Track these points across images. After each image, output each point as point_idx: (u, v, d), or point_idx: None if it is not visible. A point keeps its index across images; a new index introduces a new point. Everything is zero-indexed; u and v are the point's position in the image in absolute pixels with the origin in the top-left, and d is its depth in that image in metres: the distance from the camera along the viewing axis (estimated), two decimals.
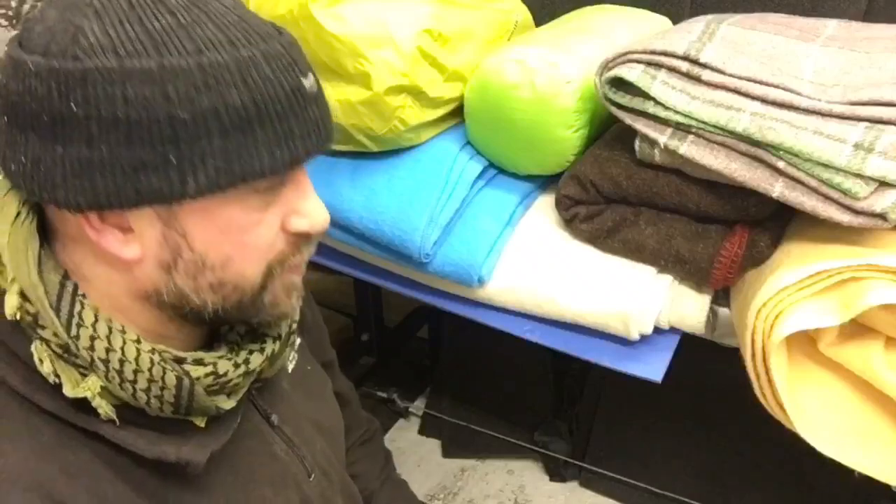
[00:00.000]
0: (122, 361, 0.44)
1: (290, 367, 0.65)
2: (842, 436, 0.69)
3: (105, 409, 0.44)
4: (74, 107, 0.39)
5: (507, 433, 1.60)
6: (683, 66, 0.72)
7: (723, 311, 0.83)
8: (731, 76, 0.70)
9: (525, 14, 1.04)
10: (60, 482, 0.43)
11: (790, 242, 0.75)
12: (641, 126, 0.76)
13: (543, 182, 0.97)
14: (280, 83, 0.43)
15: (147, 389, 0.44)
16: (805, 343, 0.72)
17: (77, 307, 0.44)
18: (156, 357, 0.45)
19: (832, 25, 0.81)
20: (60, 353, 0.43)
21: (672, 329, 0.85)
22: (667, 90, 0.73)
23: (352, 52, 0.80)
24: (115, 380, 0.43)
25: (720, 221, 0.79)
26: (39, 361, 0.43)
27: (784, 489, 1.36)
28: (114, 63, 0.39)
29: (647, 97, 0.74)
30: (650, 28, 1.00)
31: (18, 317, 0.43)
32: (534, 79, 0.82)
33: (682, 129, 0.73)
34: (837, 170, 0.64)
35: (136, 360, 0.44)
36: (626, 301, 0.81)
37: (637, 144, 0.79)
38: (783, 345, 0.67)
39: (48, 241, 0.46)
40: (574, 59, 0.83)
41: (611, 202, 0.84)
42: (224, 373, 0.49)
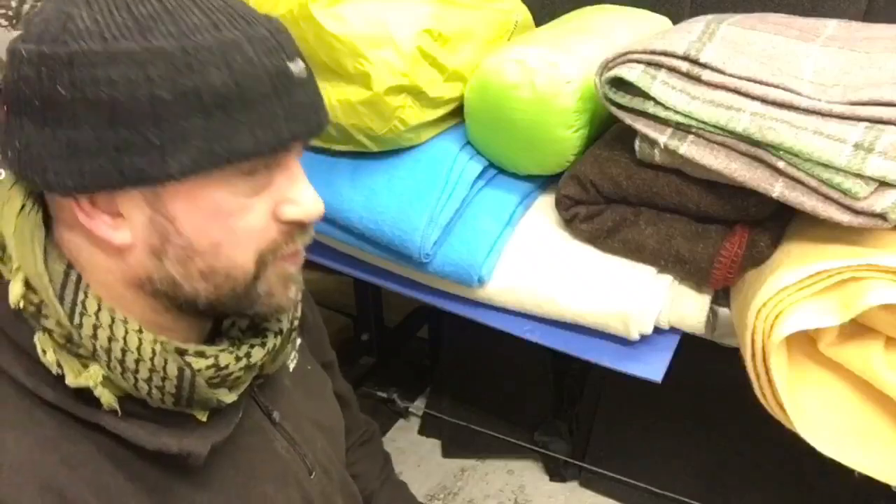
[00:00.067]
0: (125, 351, 0.44)
1: (292, 366, 0.65)
2: (842, 436, 0.69)
3: (107, 399, 0.44)
4: (62, 90, 0.40)
5: (507, 433, 1.60)
6: (683, 66, 0.72)
7: (723, 311, 0.83)
8: (731, 76, 0.70)
9: (525, 14, 1.04)
10: (61, 473, 0.43)
11: (790, 242, 0.75)
12: (641, 126, 0.76)
13: (543, 182, 0.97)
14: (263, 65, 0.43)
15: (149, 379, 0.45)
16: (805, 343, 0.72)
17: (80, 296, 0.44)
18: (157, 347, 0.45)
19: (832, 25, 0.81)
20: (63, 343, 0.44)
21: (672, 329, 0.85)
22: (667, 90, 0.73)
23: (352, 52, 0.80)
24: (117, 369, 0.44)
25: (720, 221, 0.79)
26: (42, 352, 0.43)
27: (784, 489, 1.36)
28: (99, 46, 0.40)
29: (647, 97, 0.74)
30: (650, 28, 1.00)
31: (22, 306, 0.43)
32: (534, 79, 0.82)
33: (682, 129, 0.73)
34: (837, 170, 0.64)
35: (138, 350, 0.44)
36: (626, 301, 0.81)
37: (637, 144, 0.79)
38: (783, 345, 0.67)
39: (51, 232, 0.46)
40: (574, 59, 0.83)
41: (611, 202, 0.84)
42: (225, 365, 0.49)
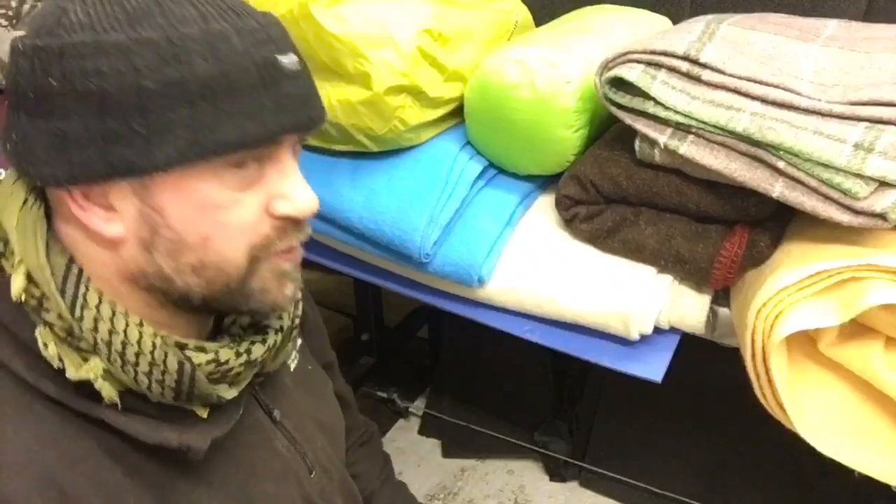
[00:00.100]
0: (125, 344, 0.44)
1: (293, 366, 0.65)
2: (842, 436, 0.69)
3: (108, 392, 0.44)
4: (53, 82, 0.40)
5: (507, 433, 1.61)
6: (683, 66, 0.72)
7: (723, 311, 0.83)
8: (732, 76, 0.70)
9: (525, 14, 1.04)
10: (61, 469, 0.43)
11: (790, 242, 0.75)
12: (641, 126, 0.76)
13: (543, 182, 0.97)
14: (251, 56, 0.43)
15: (149, 373, 0.45)
16: (805, 343, 0.72)
17: (82, 289, 0.44)
18: (158, 341, 0.45)
19: (832, 25, 0.81)
20: (64, 337, 0.44)
21: (672, 329, 0.85)
22: (667, 90, 0.73)
23: (352, 52, 0.80)
24: (117, 362, 0.44)
25: (720, 221, 0.79)
26: (44, 346, 0.43)
27: (784, 489, 1.37)
28: (89, 38, 0.40)
29: (647, 97, 0.74)
30: (650, 28, 1.00)
31: (23, 298, 0.43)
32: (534, 79, 0.82)
33: (682, 129, 0.73)
34: (837, 170, 0.64)
35: (139, 343, 0.44)
36: (626, 301, 0.81)
37: (637, 144, 0.79)
38: (783, 345, 0.67)
39: (53, 227, 0.47)
40: (574, 59, 0.83)
41: (611, 202, 0.84)
42: (225, 361, 0.49)
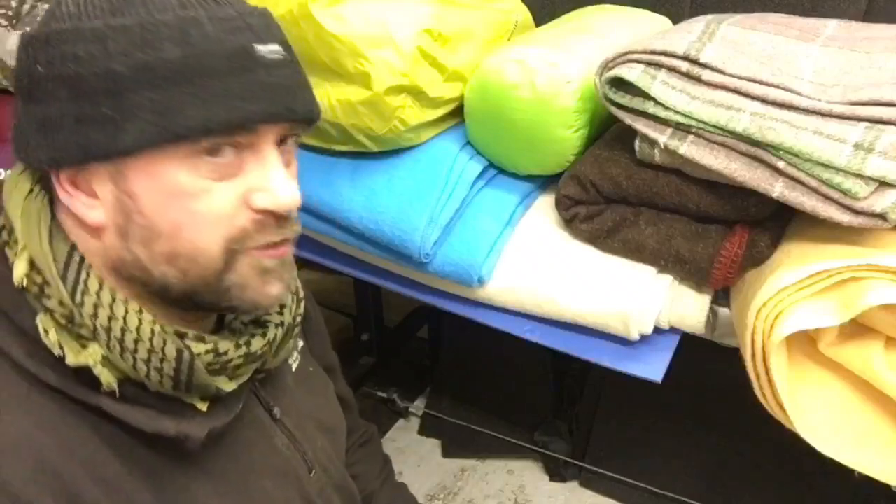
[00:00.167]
0: (124, 330, 0.44)
1: (294, 366, 0.65)
2: (842, 436, 0.69)
3: (106, 378, 0.44)
4: (39, 67, 0.43)
5: (507, 433, 1.61)
6: (683, 66, 0.72)
7: (723, 311, 0.83)
8: (732, 76, 0.70)
9: (525, 14, 1.04)
10: (58, 455, 0.43)
11: (790, 242, 0.75)
12: (641, 126, 0.76)
13: (543, 182, 0.97)
14: (221, 43, 0.43)
15: (147, 360, 0.45)
16: (805, 343, 0.72)
17: (83, 275, 0.45)
18: (157, 328, 0.45)
19: (832, 25, 0.81)
20: (64, 324, 0.44)
21: (672, 329, 0.85)
22: (667, 90, 0.73)
23: (352, 52, 0.80)
24: (116, 349, 0.44)
25: (720, 221, 0.79)
26: (44, 332, 0.44)
27: (784, 489, 1.37)
28: (71, 25, 0.42)
29: (647, 97, 0.74)
30: (650, 28, 1.00)
31: (25, 284, 0.44)
32: (534, 79, 0.82)
33: (682, 129, 0.73)
34: (837, 170, 0.64)
35: (138, 330, 0.45)
36: (626, 301, 0.81)
37: (637, 144, 0.79)
38: (783, 345, 0.67)
39: (56, 216, 0.47)
40: (574, 59, 0.83)
41: (611, 202, 0.84)
42: (224, 351, 0.49)
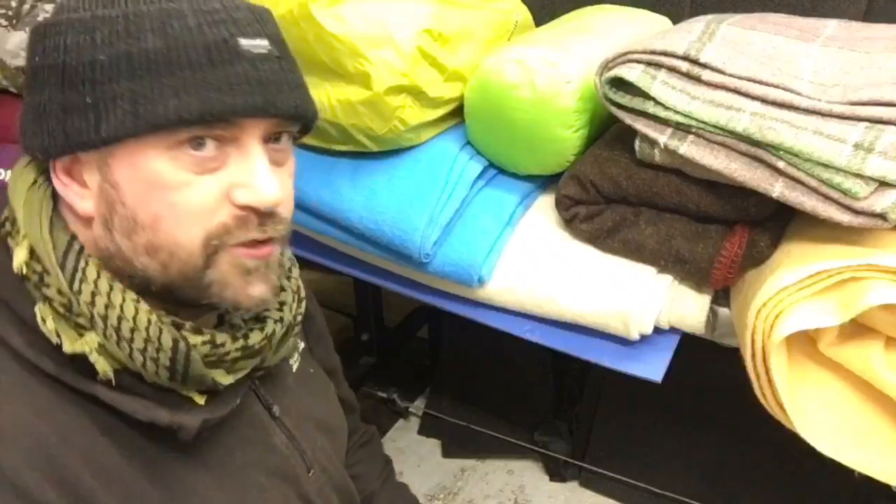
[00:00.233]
0: (121, 319, 0.44)
1: (295, 367, 0.65)
2: (842, 436, 0.69)
3: (102, 366, 0.44)
4: (37, 58, 0.45)
5: (507, 433, 1.60)
6: (683, 66, 0.72)
7: (723, 311, 0.83)
8: (731, 76, 0.70)
9: (525, 14, 1.04)
10: (53, 440, 0.43)
11: (790, 242, 0.75)
12: (641, 126, 0.76)
13: (543, 182, 0.97)
14: (202, 35, 0.44)
15: (143, 349, 0.45)
16: (805, 343, 0.72)
17: (82, 263, 0.45)
18: (153, 318, 0.45)
19: (832, 25, 0.81)
20: (62, 313, 0.44)
21: (672, 329, 0.85)
22: (667, 90, 0.73)
23: (352, 52, 0.80)
24: (113, 337, 0.44)
25: (720, 221, 0.79)
26: (42, 320, 0.44)
27: (784, 489, 1.37)
28: (64, 16, 0.44)
29: (647, 97, 0.74)
30: (650, 28, 1.00)
31: (24, 272, 0.44)
32: (534, 79, 0.82)
33: (682, 129, 0.73)
34: (837, 170, 0.64)
35: (134, 319, 0.45)
36: (626, 301, 0.81)
37: (637, 144, 0.79)
38: (783, 345, 0.67)
39: (58, 207, 0.48)
40: (574, 59, 0.83)
41: (611, 202, 0.84)
42: (222, 343, 0.49)
